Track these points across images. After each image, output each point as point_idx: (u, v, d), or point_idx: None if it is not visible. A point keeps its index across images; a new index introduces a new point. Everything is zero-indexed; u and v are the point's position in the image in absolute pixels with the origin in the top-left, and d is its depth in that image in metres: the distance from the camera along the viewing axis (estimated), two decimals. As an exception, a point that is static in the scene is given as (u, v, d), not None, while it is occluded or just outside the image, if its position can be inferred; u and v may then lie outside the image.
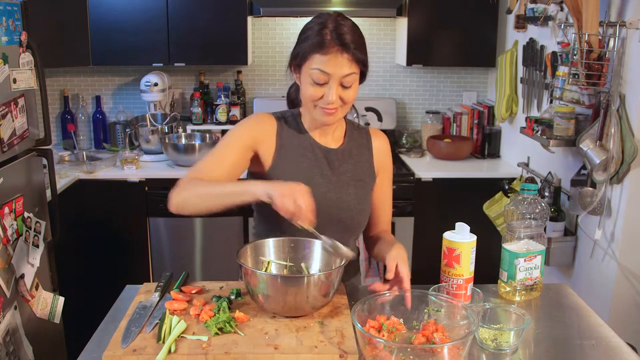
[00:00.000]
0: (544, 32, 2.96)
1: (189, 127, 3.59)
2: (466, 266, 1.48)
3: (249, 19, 3.42)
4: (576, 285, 2.65)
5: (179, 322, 1.35)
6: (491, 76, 3.77)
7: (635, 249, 2.37)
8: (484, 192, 3.20)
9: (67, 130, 3.67)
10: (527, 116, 2.97)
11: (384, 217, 1.74)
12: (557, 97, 2.68)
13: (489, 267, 1.84)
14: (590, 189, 2.45)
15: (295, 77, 1.55)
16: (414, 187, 3.25)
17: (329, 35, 1.43)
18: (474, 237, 1.50)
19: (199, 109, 3.59)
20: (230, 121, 3.59)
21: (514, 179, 3.15)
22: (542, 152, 2.85)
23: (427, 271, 1.77)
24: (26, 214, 2.26)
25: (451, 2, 3.41)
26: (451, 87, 3.88)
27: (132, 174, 3.20)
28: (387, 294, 1.38)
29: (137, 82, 3.64)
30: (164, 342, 1.28)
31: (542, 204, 1.60)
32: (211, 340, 1.30)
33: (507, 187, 3.07)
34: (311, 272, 1.50)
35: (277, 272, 1.51)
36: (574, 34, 2.39)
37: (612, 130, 2.29)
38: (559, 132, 2.57)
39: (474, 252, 1.50)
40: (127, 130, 3.49)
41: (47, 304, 2.38)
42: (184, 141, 3.50)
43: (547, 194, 2.77)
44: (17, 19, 2.20)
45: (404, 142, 3.75)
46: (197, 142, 3.45)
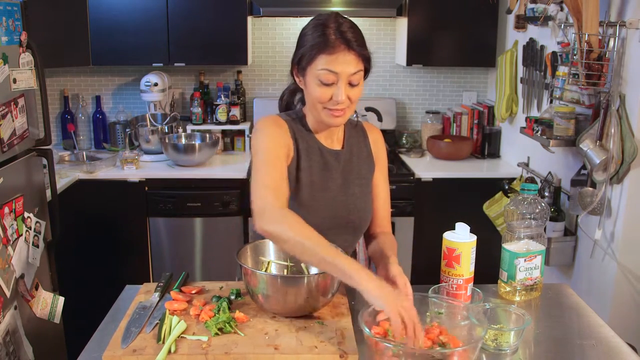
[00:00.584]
0: (544, 32, 2.96)
1: (189, 127, 3.59)
2: (466, 266, 1.48)
3: (249, 19, 3.42)
4: (576, 285, 2.65)
5: (179, 322, 1.35)
6: (491, 76, 3.77)
7: (635, 249, 2.37)
8: (484, 192, 3.20)
9: (67, 130, 3.67)
10: (527, 116, 2.96)
11: (381, 211, 1.70)
12: (557, 97, 2.68)
13: (489, 267, 1.84)
14: (590, 189, 2.45)
15: (299, 82, 1.52)
16: (414, 187, 3.25)
17: (333, 34, 1.42)
18: (474, 237, 1.50)
19: (199, 109, 3.59)
20: (230, 121, 3.59)
21: (514, 179, 3.15)
22: (542, 152, 2.85)
23: (427, 271, 1.77)
24: (26, 214, 2.26)
25: (451, 2, 3.41)
26: (451, 87, 3.88)
27: (132, 174, 3.20)
28: None
29: (137, 82, 3.64)
30: (164, 343, 1.28)
31: (542, 204, 1.60)
32: (211, 340, 1.30)
33: (507, 187, 3.07)
34: (311, 273, 1.50)
35: (277, 273, 1.51)
36: (574, 34, 2.39)
37: (612, 130, 2.29)
38: (559, 132, 2.57)
39: (474, 252, 1.50)
40: (127, 130, 3.49)
41: (47, 304, 2.38)
42: (184, 141, 3.50)
43: (547, 194, 2.77)
44: (17, 19, 2.20)
45: (404, 142, 3.75)
46: (197, 142, 3.45)
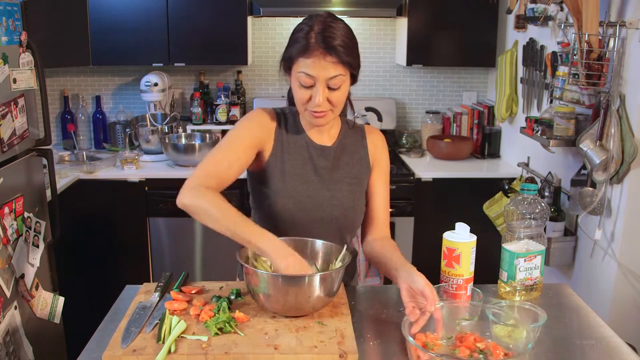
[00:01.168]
0: (544, 32, 2.96)
1: (189, 127, 3.59)
2: (466, 266, 1.48)
3: (249, 19, 3.42)
4: (576, 285, 2.65)
5: (179, 322, 1.35)
6: (491, 76, 3.77)
7: (635, 249, 2.37)
8: (484, 192, 3.20)
9: (67, 130, 3.67)
10: (527, 116, 2.96)
11: (379, 215, 1.69)
12: (557, 97, 2.68)
13: (489, 267, 1.84)
14: (590, 189, 2.45)
15: (287, 80, 1.57)
16: (414, 187, 3.25)
17: (314, 38, 1.44)
18: (474, 237, 1.50)
19: (199, 109, 3.59)
20: (230, 121, 3.59)
21: (514, 179, 3.15)
22: (542, 152, 2.85)
23: (427, 271, 1.76)
24: (26, 214, 2.26)
25: (451, 2, 3.41)
26: (451, 87, 3.88)
27: (132, 174, 3.20)
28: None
29: (137, 82, 3.64)
30: (163, 342, 1.28)
31: (542, 204, 1.60)
32: (211, 340, 1.30)
33: (507, 187, 3.07)
34: (312, 272, 1.49)
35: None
36: (574, 34, 2.39)
37: (612, 130, 2.29)
38: (559, 132, 2.57)
39: (474, 252, 1.50)
40: (127, 130, 3.49)
41: (47, 304, 2.37)
42: (184, 141, 3.50)
43: (547, 194, 2.77)
44: (17, 19, 2.20)
45: (404, 142, 3.75)
46: (197, 142, 3.45)
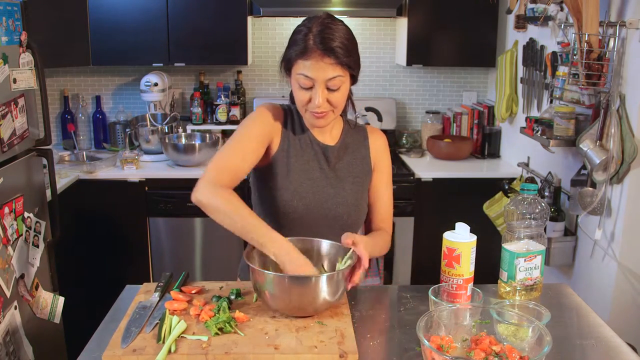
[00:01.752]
0: (544, 32, 2.96)
1: (189, 127, 3.58)
2: (466, 266, 1.48)
3: (249, 19, 3.42)
4: (576, 285, 2.65)
5: (179, 322, 1.35)
6: (491, 76, 3.77)
7: (635, 249, 2.37)
8: (484, 192, 3.20)
9: (67, 130, 3.66)
10: (527, 116, 2.96)
11: (382, 213, 1.73)
12: (557, 97, 2.68)
13: (489, 267, 1.84)
14: (590, 189, 2.45)
15: (287, 81, 1.58)
16: (414, 187, 3.25)
17: (312, 40, 1.46)
18: (474, 237, 1.49)
19: (199, 109, 3.59)
20: (230, 121, 3.59)
21: (514, 179, 3.15)
22: (542, 152, 2.85)
23: (427, 271, 1.77)
24: (26, 214, 2.26)
25: (451, 2, 3.41)
26: (451, 87, 3.88)
27: (132, 174, 3.20)
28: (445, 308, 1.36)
29: (137, 82, 3.64)
30: (164, 342, 1.28)
31: (542, 204, 1.60)
32: (211, 340, 1.30)
33: (507, 187, 3.07)
34: (318, 273, 1.49)
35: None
36: (574, 34, 2.39)
37: (612, 130, 2.29)
38: (559, 132, 2.57)
39: (474, 252, 1.50)
40: (127, 130, 3.49)
41: (47, 304, 2.37)
42: (184, 141, 3.50)
43: (547, 194, 2.77)
44: (17, 19, 2.20)
45: (404, 142, 3.75)
46: (197, 142, 3.45)
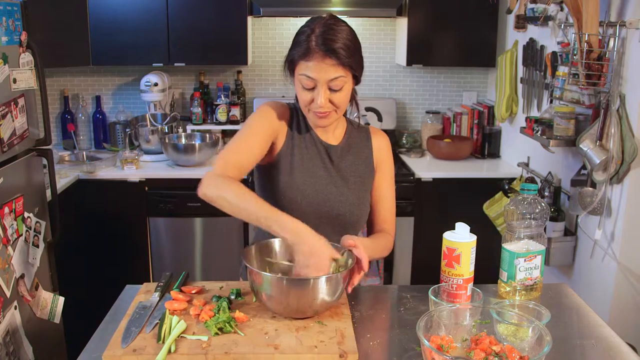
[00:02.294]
0: (544, 32, 2.96)
1: (189, 127, 3.59)
2: (466, 266, 1.48)
3: (249, 19, 3.42)
4: (576, 285, 2.65)
5: (179, 322, 1.35)
6: (491, 76, 3.77)
7: (635, 249, 2.37)
8: (484, 192, 3.20)
9: (67, 130, 3.66)
10: (527, 116, 2.96)
11: (384, 214, 1.74)
12: (557, 97, 2.68)
13: (489, 267, 1.84)
14: (590, 189, 2.45)
15: (291, 81, 1.59)
16: (414, 187, 3.25)
17: (314, 41, 1.47)
18: (474, 237, 1.49)
19: (199, 109, 3.59)
20: (230, 121, 3.59)
21: (514, 179, 3.15)
22: (542, 152, 2.85)
23: (427, 271, 1.77)
24: (26, 214, 2.26)
25: (451, 2, 3.41)
26: (451, 87, 3.88)
27: (132, 173, 3.20)
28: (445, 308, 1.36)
29: (137, 82, 3.64)
30: (164, 342, 1.28)
31: (542, 204, 1.60)
32: (211, 340, 1.30)
33: (507, 187, 3.07)
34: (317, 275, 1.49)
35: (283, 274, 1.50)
36: (574, 34, 2.39)
37: (612, 130, 2.29)
38: (559, 132, 2.57)
39: (474, 252, 1.50)
40: (127, 130, 3.49)
41: (47, 304, 2.37)
42: (184, 141, 3.50)
43: (547, 194, 2.77)
44: (17, 19, 2.20)
45: (404, 142, 3.75)
46: (197, 142, 3.45)
